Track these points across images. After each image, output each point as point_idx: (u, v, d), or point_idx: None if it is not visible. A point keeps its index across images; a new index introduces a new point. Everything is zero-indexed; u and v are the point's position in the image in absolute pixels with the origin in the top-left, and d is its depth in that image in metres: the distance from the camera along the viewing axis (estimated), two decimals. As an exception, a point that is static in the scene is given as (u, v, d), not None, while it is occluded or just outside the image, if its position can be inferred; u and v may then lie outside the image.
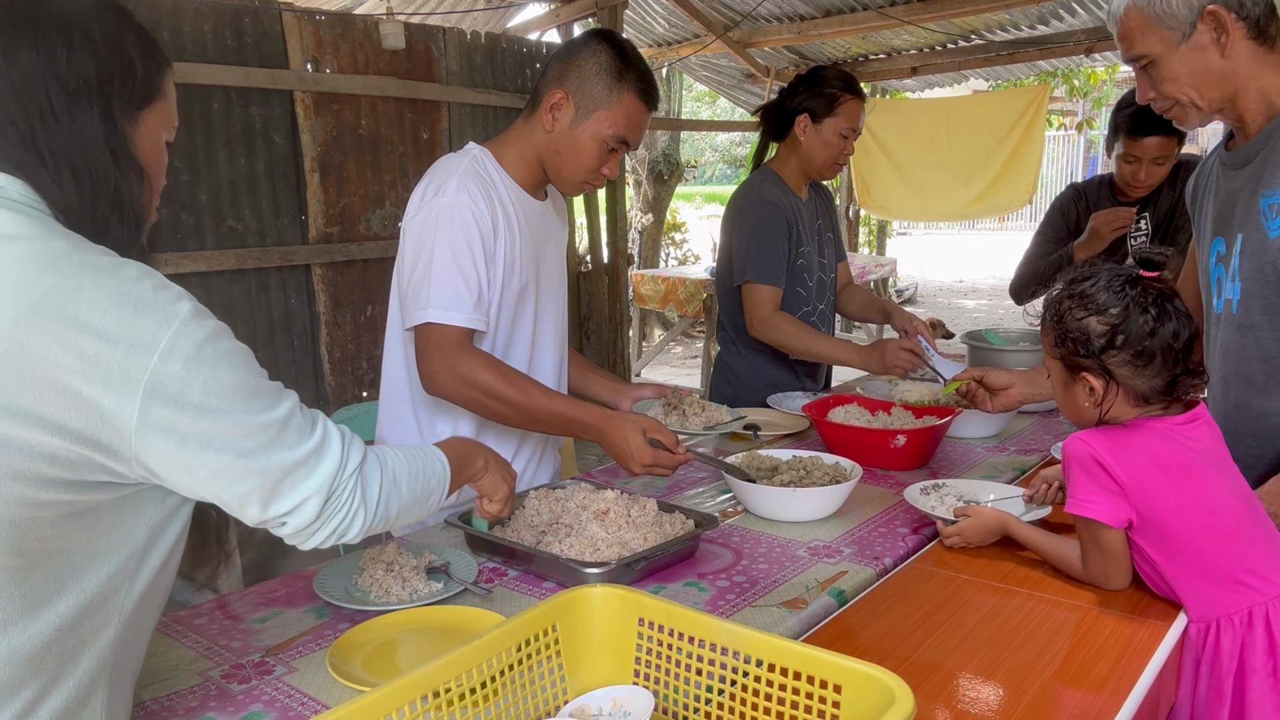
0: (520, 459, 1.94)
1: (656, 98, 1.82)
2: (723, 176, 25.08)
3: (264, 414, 1.00)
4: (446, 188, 1.71)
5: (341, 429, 1.10)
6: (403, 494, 1.16)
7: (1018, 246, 3.51)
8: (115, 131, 1.03)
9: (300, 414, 1.05)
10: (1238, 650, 1.34)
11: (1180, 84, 1.58)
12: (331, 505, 1.06)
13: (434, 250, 1.68)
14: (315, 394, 4.60)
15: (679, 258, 10.64)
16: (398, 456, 1.18)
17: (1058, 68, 8.69)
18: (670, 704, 1.05)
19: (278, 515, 1.03)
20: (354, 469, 1.08)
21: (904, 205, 8.61)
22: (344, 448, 1.08)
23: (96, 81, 1.02)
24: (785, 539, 1.65)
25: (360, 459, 1.10)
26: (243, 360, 1.01)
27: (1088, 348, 1.38)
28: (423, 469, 1.21)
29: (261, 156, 4.29)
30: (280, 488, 1.02)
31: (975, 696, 1.17)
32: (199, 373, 0.95)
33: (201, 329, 0.96)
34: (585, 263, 6.13)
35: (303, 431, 1.04)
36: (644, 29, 7.26)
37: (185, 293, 0.98)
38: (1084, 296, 1.39)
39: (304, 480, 1.03)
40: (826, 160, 2.55)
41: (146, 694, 1.17)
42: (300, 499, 1.03)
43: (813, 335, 2.52)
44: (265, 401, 1.01)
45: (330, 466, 1.05)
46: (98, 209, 1.01)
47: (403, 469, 1.17)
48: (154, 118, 1.09)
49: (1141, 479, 1.36)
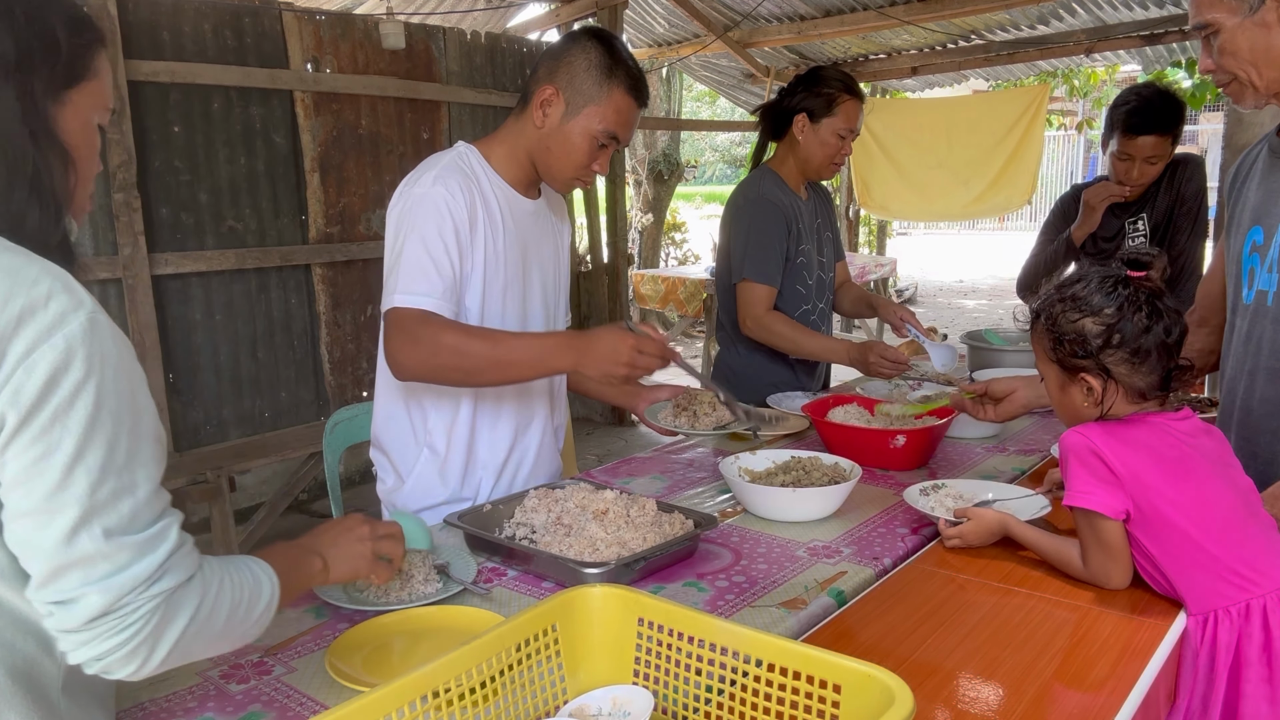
0: (516, 454, 1.94)
1: (646, 94, 1.82)
2: (723, 176, 25.08)
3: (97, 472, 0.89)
4: (423, 179, 1.72)
5: (181, 538, 0.95)
6: (216, 629, 0.99)
7: (1018, 246, 3.53)
8: (35, 111, 0.96)
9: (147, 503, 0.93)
10: (1234, 643, 1.35)
11: (1240, 59, 1.55)
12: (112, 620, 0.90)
13: (406, 238, 1.68)
14: (315, 394, 4.60)
15: (679, 258, 10.64)
16: (220, 586, 0.99)
17: (1058, 68, 8.69)
18: (670, 704, 1.05)
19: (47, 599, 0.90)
20: (162, 590, 0.92)
21: (904, 205, 8.61)
22: (164, 561, 0.92)
23: (15, 58, 0.95)
24: (785, 539, 1.65)
25: (174, 584, 0.93)
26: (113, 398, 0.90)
27: (1085, 348, 1.40)
28: (247, 598, 1.03)
29: (261, 156, 4.29)
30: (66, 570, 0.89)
31: (975, 696, 1.17)
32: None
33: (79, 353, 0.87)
34: (585, 263, 6.13)
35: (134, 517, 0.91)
36: (644, 29, 7.26)
37: (85, 305, 0.90)
38: (1076, 299, 1.42)
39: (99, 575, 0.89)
40: (824, 160, 2.55)
41: (145, 694, 1.17)
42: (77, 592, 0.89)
43: (804, 333, 2.53)
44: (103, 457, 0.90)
45: (137, 572, 0.90)
46: (14, 194, 0.95)
47: (224, 601, 0.99)
48: (83, 98, 1.02)
49: (1138, 471, 1.37)
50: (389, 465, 1.93)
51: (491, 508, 1.67)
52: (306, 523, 4.41)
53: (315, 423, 4.41)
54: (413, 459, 1.88)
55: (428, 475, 1.87)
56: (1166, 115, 2.69)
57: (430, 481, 1.87)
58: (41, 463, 0.87)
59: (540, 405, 1.97)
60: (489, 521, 1.63)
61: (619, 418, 6.23)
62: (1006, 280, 13.59)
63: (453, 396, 1.83)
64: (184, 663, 0.98)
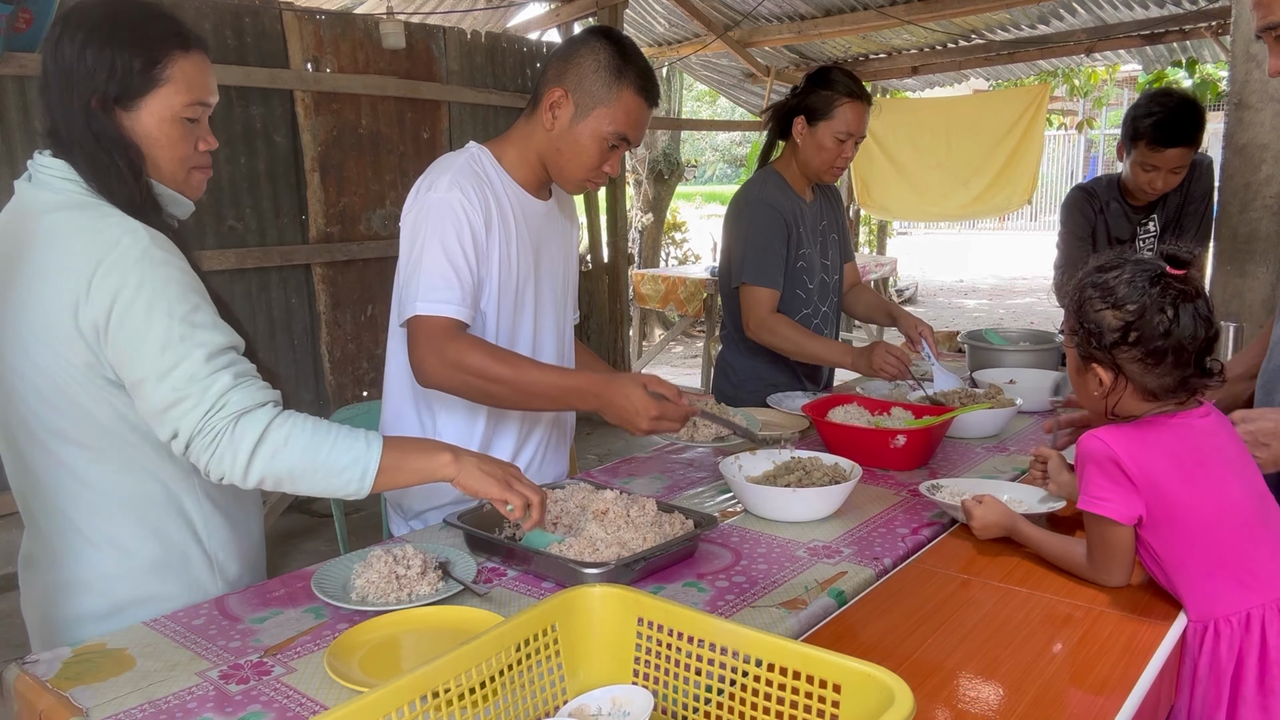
0: (524, 456, 1.94)
1: (657, 95, 1.81)
2: (723, 176, 25.08)
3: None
4: (439, 183, 1.71)
5: (242, 383, 1.32)
6: (293, 462, 1.32)
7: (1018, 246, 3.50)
8: (96, 119, 1.34)
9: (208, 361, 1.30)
10: (1235, 653, 1.34)
11: None
12: (200, 440, 1.29)
13: (424, 245, 1.68)
14: (315, 393, 4.60)
15: (679, 257, 10.64)
16: (306, 426, 1.34)
17: (1058, 67, 8.70)
18: (669, 704, 1.04)
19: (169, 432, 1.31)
20: (230, 414, 1.29)
21: (904, 205, 8.61)
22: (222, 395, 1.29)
23: (80, 80, 1.33)
24: (785, 539, 1.65)
25: (240, 408, 1.30)
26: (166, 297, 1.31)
27: (1100, 340, 1.37)
28: (333, 443, 1.34)
29: (262, 156, 4.29)
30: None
31: (975, 696, 1.17)
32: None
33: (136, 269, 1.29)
34: (585, 262, 6.13)
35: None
36: (644, 28, 7.26)
37: (142, 246, 1.31)
38: (1106, 288, 1.38)
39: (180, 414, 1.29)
40: (822, 164, 2.50)
41: (143, 696, 1.17)
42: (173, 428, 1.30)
43: (807, 337, 2.51)
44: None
45: (204, 405, 1.29)
46: (99, 175, 1.35)
47: (303, 435, 1.33)
48: (155, 103, 1.38)
49: (1156, 476, 1.35)
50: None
51: (491, 508, 1.66)
52: (307, 522, 4.41)
53: (315, 422, 4.41)
54: None
55: None
56: (1193, 125, 2.66)
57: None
58: (125, 350, 1.30)
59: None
60: (489, 521, 1.63)
61: (619, 417, 6.21)
62: (1007, 280, 13.60)
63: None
64: (281, 482, 1.33)
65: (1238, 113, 2.85)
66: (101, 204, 1.34)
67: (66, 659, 1.25)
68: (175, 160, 1.42)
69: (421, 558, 1.46)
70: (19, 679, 1.22)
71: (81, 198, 1.35)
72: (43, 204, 1.36)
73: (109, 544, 1.42)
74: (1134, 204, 2.90)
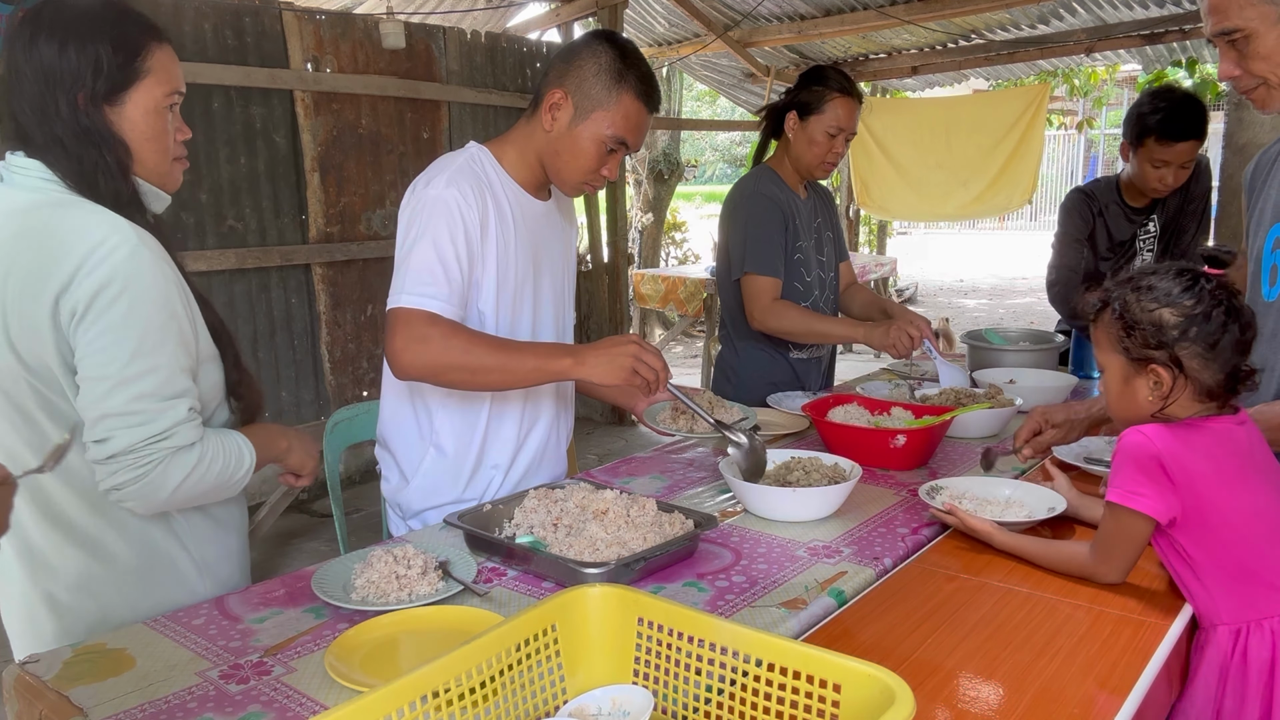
0: (523, 456, 1.94)
1: (657, 99, 1.81)
2: (723, 176, 25.08)
3: None
4: (437, 181, 1.71)
5: (192, 419, 1.35)
6: (208, 485, 1.39)
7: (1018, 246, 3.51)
8: (85, 114, 1.34)
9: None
10: (1269, 656, 1.34)
11: (1272, 63, 1.52)
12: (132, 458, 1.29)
13: (417, 240, 1.68)
14: (315, 393, 4.60)
15: (679, 257, 10.64)
16: (214, 455, 1.39)
17: (1058, 67, 8.69)
18: (670, 704, 1.04)
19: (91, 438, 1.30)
20: (172, 447, 1.31)
21: (904, 205, 8.60)
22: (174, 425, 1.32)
23: (68, 77, 1.33)
24: (785, 539, 1.65)
25: (184, 443, 1.33)
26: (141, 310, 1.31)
27: (1161, 338, 1.37)
28: (233, 467, 1.42)
29: (262, 156, 4.29)
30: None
31: (975, 696, 1.17)
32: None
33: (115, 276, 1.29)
34: (585, 262, 6.13)
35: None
36: (644, 28, 7.26)
37: (136, 254, 1.30)
38: (1152, 289, 1.39)
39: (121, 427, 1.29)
40: (814, 159, 2.52)
41: (143, 696, 1.17)
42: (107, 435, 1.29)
43: (815, 317, 2.52)
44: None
45: (152, 428, 1.30)
46: (85, 171, 1.34)
47: (215, 466, 1.39)
48: (139, 96, 1.38)
49: (1196, 479, 1.35)
50: (394, 464, 1.93)
51: (491, 508, 1.67)
52: (307, 522, 4.40)
53: (315, 422, 4.41)
54: (418, 458, 1.88)
55: (434, 474, 1.87)
56: (1201, 118, 2.67)
57: (436, 481, 1.87)
58: (94, 343, 1.29)
59: (547, 405, 1.97)
60: (489, 521, 1.63)
61: (619, 418, 6.23)
62: (1007, 280, 13.60)
63: (463, 396, 1.83)
64: (193, 505, 1.43)
65: (1237, 113, 2.86)
66: (84, 202, 1.33)
67: (66, 659, 1.25)
68: (160, 151, 1.43)
69: (421, 558, 1.46)
70: (19, 679, 1.22)
71: (63, 195, 1.34)
72: (20, 204, 1.34)
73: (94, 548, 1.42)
74: (1133, 205, 2.90)
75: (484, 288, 1.77)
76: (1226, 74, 1.60)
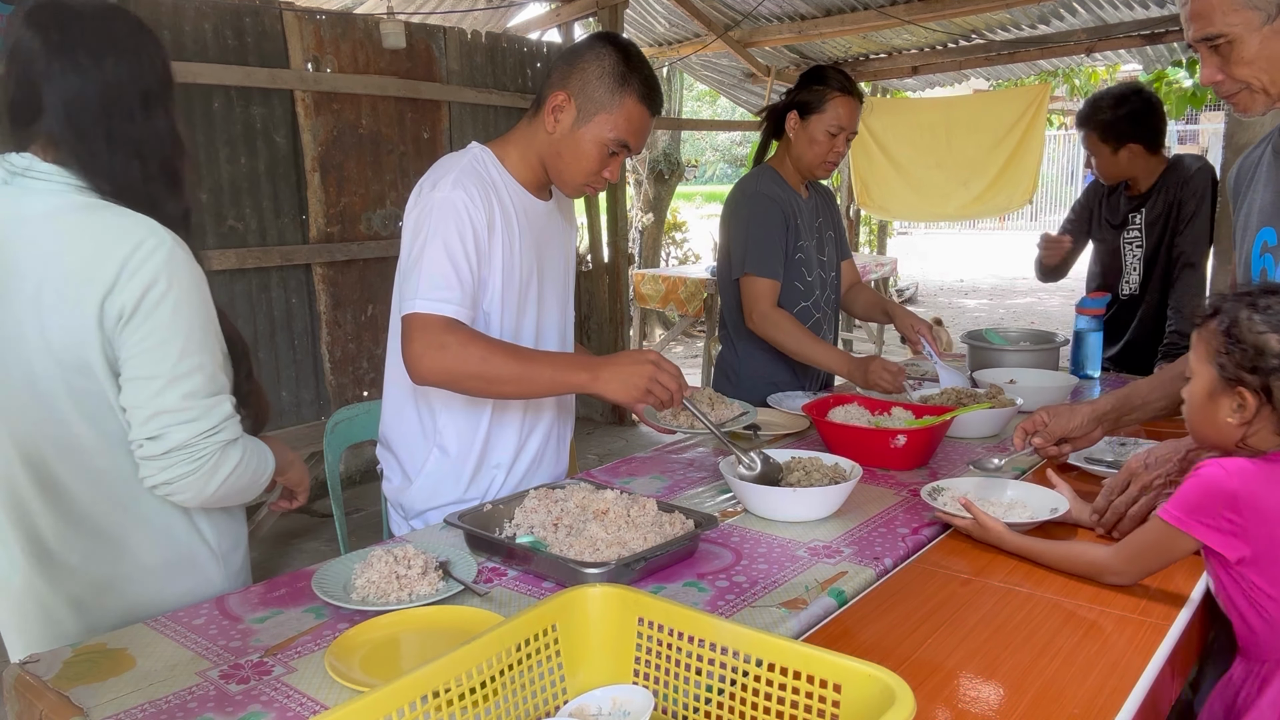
0: (524, 456, 1.94)
1: (659, 102, 1.81)
2: (723, 176, 25.09)
3: None
4: (442, 183, 1.72)
5: (235, 415, 1.40)
6: (245, 481, 1.44)
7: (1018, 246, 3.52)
8: (175, 126, 1.44)
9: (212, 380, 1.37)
10: None
11: (1255, 68, 1.52)
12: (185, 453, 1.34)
13: (426, 242, 1.68)
14: (315, 393, 4.60)
15: (679, 257, 10.64)
16: (252, 452, 1.45)
17: (1058, 67, 8.70)
18: (670, 704, 1.04)
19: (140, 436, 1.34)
20: (224, 440, 1.37)
21: (904, 205, 8.60)
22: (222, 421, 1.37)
23: (159, 89, 1.42)
24: (785, 539, 1.65)
25: (234, 436, 1.39)
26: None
27: (1258, 363, 1.33)
28: (263, 468, 1.49)
29: (262, 156, 4.29)
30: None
31: (975, 696, 1.17)
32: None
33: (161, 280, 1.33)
34: (586, 262, 6.13)
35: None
36: (644, 28, 7.26)
37: (174, 254, 1.34)
38: (1269, 310, 1.34)
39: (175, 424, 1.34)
40: (814, 159, 2.52)
41: (143, 696, 1.17)
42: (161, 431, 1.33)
43: (809, 339, 2.50)
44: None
45: (204, 424, 1.35)
46: (152, 184, 1.40)
47: (253, 461, 1.45)
48: (170, 101, 1.46)
49: (1274, 514, 1.31)
50: (396, 464, 1.93)
51: (492, 508, 1.67)
52: (307, 522, 4.41)
53: (316, 422, 4.41)
54: (421, 458, 1.88)
55: (437, 475, 1.87)
56: (1087, 112, 2.97)
57: (439, 481, 1.87)
58: (143, 343, 1.33)
59: (549, 405, 1.97)
60: (489, 521, 1.63)
61: (619, 417, 6.23)
62: (1007, 280, 13.59)
63: (467, 397, 1.83)
64: (225, 504, 1.47)
65: (1237, 113, 2.85)
66: (111, 205, 1.36)
67: (67, 659, 1.25)
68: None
69: (422, 558, 1.46)
70: (19, 679, 1.22)
71: (88, 199, 1.36)
72: (41, 209, 1.35)
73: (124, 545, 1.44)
74: (1132, 196, 3.00)
75: (490, 288, 1.77)
76: (1209, 79, 1.60)
